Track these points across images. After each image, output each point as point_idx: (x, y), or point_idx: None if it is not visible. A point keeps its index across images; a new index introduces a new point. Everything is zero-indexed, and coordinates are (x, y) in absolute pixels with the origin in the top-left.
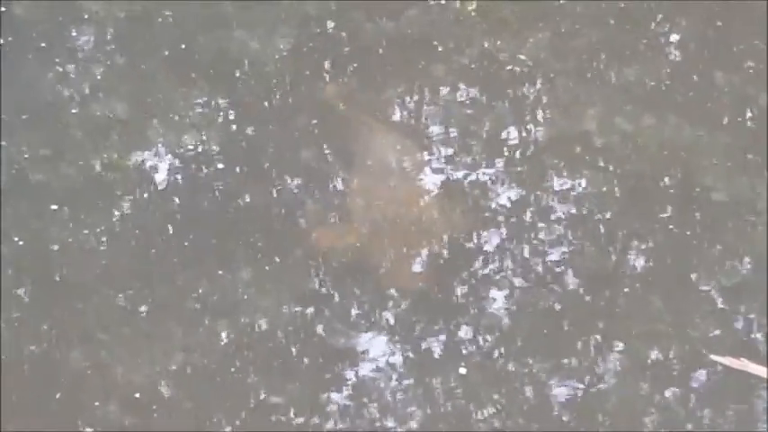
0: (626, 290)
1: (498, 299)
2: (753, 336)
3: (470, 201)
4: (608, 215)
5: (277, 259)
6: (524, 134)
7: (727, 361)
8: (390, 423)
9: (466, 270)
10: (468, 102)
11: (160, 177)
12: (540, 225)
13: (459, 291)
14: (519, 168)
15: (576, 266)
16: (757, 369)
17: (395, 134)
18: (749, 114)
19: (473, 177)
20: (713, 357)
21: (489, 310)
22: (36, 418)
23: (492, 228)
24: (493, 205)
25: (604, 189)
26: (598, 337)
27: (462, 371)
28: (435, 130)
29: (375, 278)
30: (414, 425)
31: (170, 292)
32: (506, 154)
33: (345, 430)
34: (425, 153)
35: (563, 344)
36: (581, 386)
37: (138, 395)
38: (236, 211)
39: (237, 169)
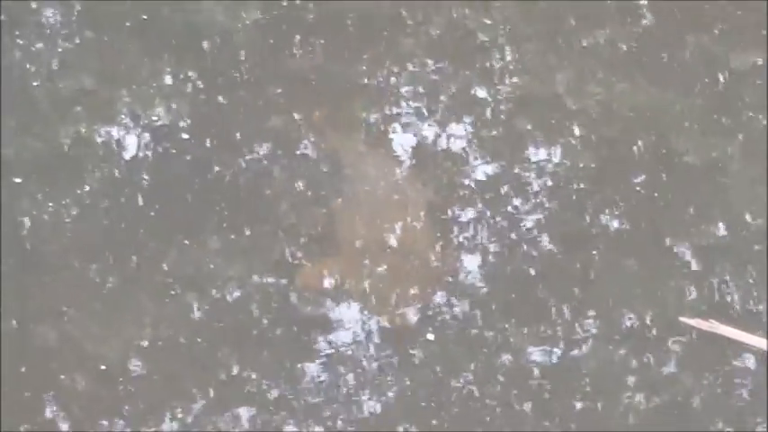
0: (600, 254)
1: (473, 265)
2: (727, 298)
3: (444, 168)
4: (582, 181)
5: (247, 230)
6: (494, 95)
7: (696, 323)
8: (366, 394)
9: (441, 239)
10: (436, 69)
11: (129, 150)
12: (515, 192)
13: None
14: (492, 132)
15: (550, 231)
16: (726, 330)
17: (364, 98)
18: (721, 78)
19: (443, 142)
20: (682, 320)
21: (464, 277)
22: (3, 392)
23: (467, 201)
24: (467, 182)
25: (578, 155)
26: (573, 302)
27: (430, 336)
28: (405, 90)
29: (347, 250)
30: (390, 394)
31: (140, 264)
32: (476, 111)
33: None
34: (394, 108)
35: (538, 310)
36: (557, 351)
37: (108, 369)
38: (206, 182)
39: (207, 142)
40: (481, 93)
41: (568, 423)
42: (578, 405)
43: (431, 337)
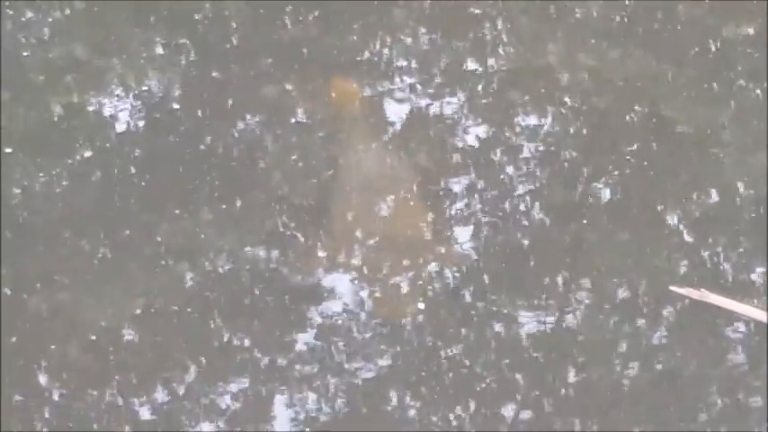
0: (593, 224)
1: (465, 236)
2: (720, 268)
3: (436, 138)
4: (573, 150)
5: (238, 200)
6: (486, 68)
7: (687, 292)
8: (358, 362)
9: (433, 210)
10: (429, 41)
11: (120, 120)
12: (507, 162)
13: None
14: (484, 101)
15: (542, 201)
16: (717, 299)
17: (357, 71)
18: (713, 47)
19: (436, 110)
20: (672, 288)
21: (456, 247)
22: None
23: (459, 167)
24: (459, 145)
25: (570, 125)
26: (566, 272)
27: (420, 306)
28: (398, 63)
29: (340, 222)
30: (382, 363)
31: (131, 235)
32: (469, 85)
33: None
34: (387, 83)
35: (531, 280)
36: (550, 320)
37: (100, 338)
38: (198, 153)
39: (199, 112)
40: (473, 65)
41: (561, 393)
42: (571, 375)
43: (421, 306)
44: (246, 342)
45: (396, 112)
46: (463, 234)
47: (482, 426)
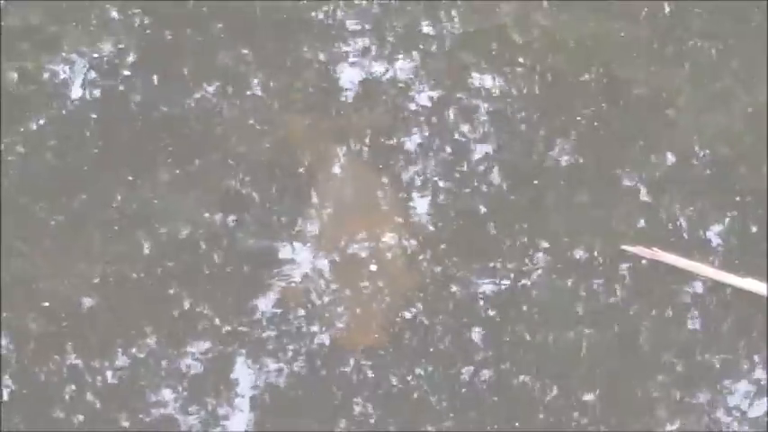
0: (549, 186)
1: (422, 203)
2: (677, 225)
3: (389, 100)
4: (528, 112)
5: (195, 164)
6: (440, 30)
7: (639, 251)
8: (316, 327)
9: (388, 172)
10: (382, 4)
11: (75, 86)
12: (463, 124)
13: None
14: (438, 64)
15: (499, 165)
16: (669, 258)
17: (310, 34)
18: (667, 8)
19: (390, 74)
20: (624, 248)
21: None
22: None
23: (414, 125)
24: (413, 107)
25: (523, 84)
26: (523, 237)
27: (373, 268)
28: (351, 25)
29: (295, 182)
30: (340, 325)
31: (88, 201)
32: (422, 47)
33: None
34: (342, 45)
35: (488, 243)
36: (506, 282)
37: (59, 305)
38: (153, 119)
39: (155, 79)
40: (427, 28)
41: (519, 353)
42: (527, 336)
43: (373, 268)
44: (206, 309)
45: (349, 76)
46: (419, 199)
47: (439, 386)
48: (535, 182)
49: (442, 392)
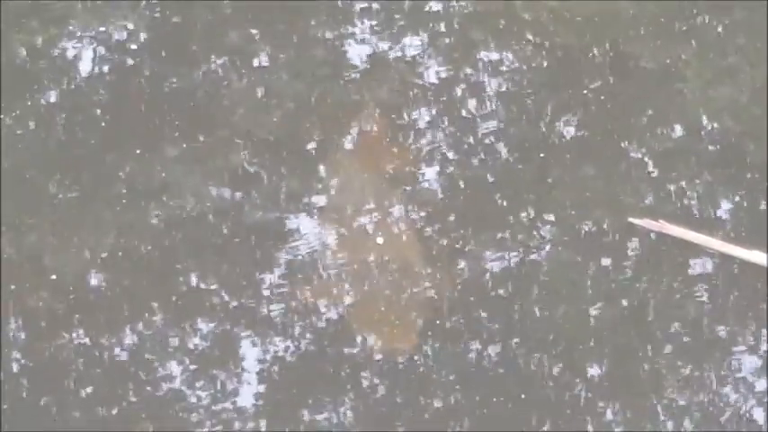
0: (557, 160)
1: (430, 173)
2: (685, 201)
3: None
4: (536, 86)
5: (202, 139)
6: (449, 8)
7: (645, 223)
8: (324, 302)
9: (397, 146)
10: None
11: (84, 62)
12: (471, 99)
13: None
14: (446, 41)
15: (507, 138)
16: (675, 230)
17: (318, 14)
18: None
19: (398, 52)
20: (631, 220)
21: (422, 186)
22: None
23: (422, 102)
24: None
25: (531, 60)
26: (531, 209)
27: (379, 240)
28: (359, 3)
29: (303, 156)
30: (348, 300)
31: (97, 176)
32: (431, 26)
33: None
34: (349, 26)
35: (496, 216)
36: (515, 256)
37: (67, 281)
38: (162, 93)
39: (163, 53)
40: (436, 6)
41: (527, 329)
42: (536, 311)
43: (379, 240)
44: (213, 284)
45: (358, 53)
46: (429, 172)
47: (447, 363)
48: (542, 155)
49: (450, 368)
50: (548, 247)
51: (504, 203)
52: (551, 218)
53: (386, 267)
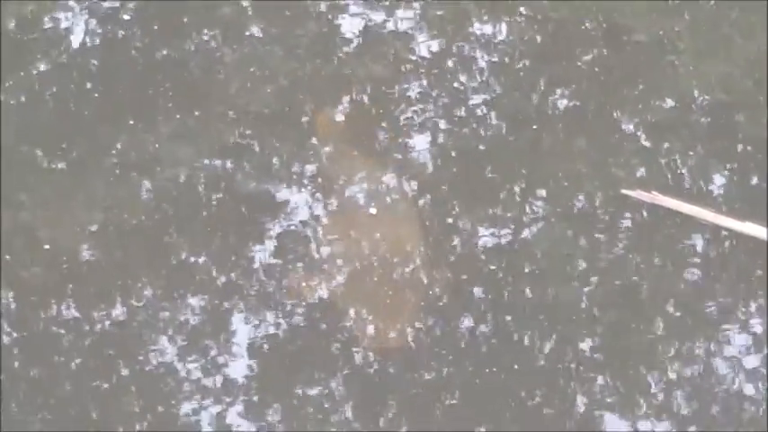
0: (549, 132)
1: (421, 143)
2: (678, 172)
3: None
4: (529, 58)
5: (196, 111)
6: None
7: (637, 194)
8: (316, 278)
9: (388, 116)
10: None
11: (76, 34)
12: (461, 68)
13: (382, 136)
14: (438, 12)
15: (498, 110)
16: (668, 202)
17: None
18: None
19: (391, 25)
20: (624, 191)
21: (413, 155)
22: None
23: (414, 75)
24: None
25: (524, 32)
26: (522, 182)
27: (372, 210)
28: None
29: (296, 128)
30: (340, 278)
31: (88, 148)
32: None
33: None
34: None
35: (488, 191)
36: (507, 232)
37: (59, 253)
38: (154, 64)
39: (155, 26)
40: None
41: (520, 306)
42: (528, 290)
43: (373, 211)
44: (204, 257)
45: (350, 26)
46: (420, 142)
47: (439, 339)
48: (534, 126)
49: (442, 342)
50: (539, 222)
51: (496, 174)
52: (542, 191)
53: (378, 243)
